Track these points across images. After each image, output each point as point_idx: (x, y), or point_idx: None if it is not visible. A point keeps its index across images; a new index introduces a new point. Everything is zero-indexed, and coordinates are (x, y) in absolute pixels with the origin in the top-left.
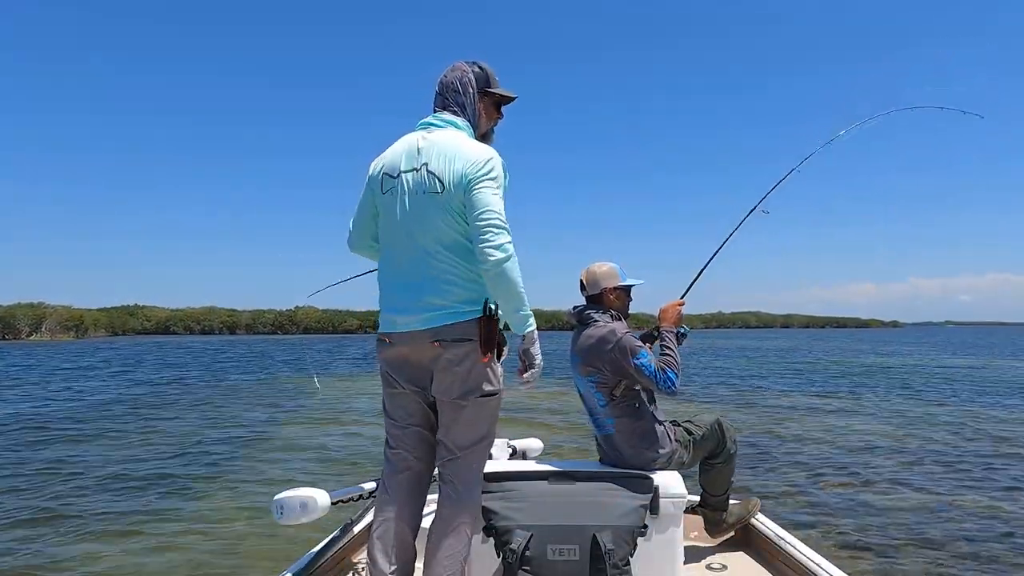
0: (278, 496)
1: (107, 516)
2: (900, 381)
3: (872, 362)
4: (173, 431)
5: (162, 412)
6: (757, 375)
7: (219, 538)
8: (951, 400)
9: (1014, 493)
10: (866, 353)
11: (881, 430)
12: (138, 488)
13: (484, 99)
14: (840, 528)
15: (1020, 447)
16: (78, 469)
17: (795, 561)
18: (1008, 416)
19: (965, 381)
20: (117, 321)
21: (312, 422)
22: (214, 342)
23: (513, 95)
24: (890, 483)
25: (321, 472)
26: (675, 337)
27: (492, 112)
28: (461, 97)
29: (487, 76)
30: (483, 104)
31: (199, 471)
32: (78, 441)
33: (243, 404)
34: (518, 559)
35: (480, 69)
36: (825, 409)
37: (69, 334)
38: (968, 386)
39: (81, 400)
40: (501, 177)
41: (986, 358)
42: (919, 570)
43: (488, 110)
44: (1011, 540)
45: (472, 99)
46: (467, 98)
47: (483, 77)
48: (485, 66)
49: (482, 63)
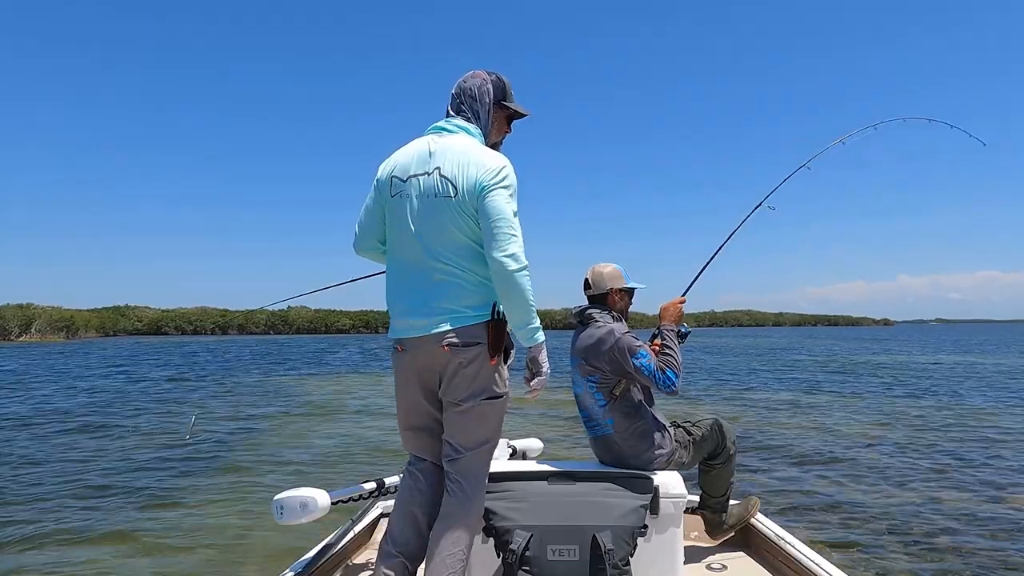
0: (278, 496)
1: (108, 515)
2: (895, 378)
3: (867, 360)
4: (163, 430)
5: (153, 411)
6: (748, 372)
7: (218, 538)
8: (949, 398)
9: (1013, 491)
10: (859, 351)
11: (879, 429)
12: (135, 489)
13: (498, 111)
14: (840, 528)
15: (1017, 445)
16: (59, 475)
17: (795, 561)
18: (1003, 412)
19: (961, 378)
20: (108, 321)
21: (305, 419)
22: (205, 342)
23: (526, 111)
24: (889, 482)
25: (318, 472)
26: (676, 336)
27: (503, 125)
28: (477, 105)
29: (504, 89)
30: (496, 116)
31: (198, 470)
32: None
33: (229, 404)
34: (518, 559)
35: (499, 80)
36: (820, 406)
37: (59, 335)
38: (968, 383)
39: (50, 404)
40: (514, 185)
41: (977, 355)
42: (920, 569)
43: (500, 123)
44: (1017, 541)
45: (488, 109)
46: (483, 107)
47: (501, 89)
48: (504, 79)
49: (501, 75)
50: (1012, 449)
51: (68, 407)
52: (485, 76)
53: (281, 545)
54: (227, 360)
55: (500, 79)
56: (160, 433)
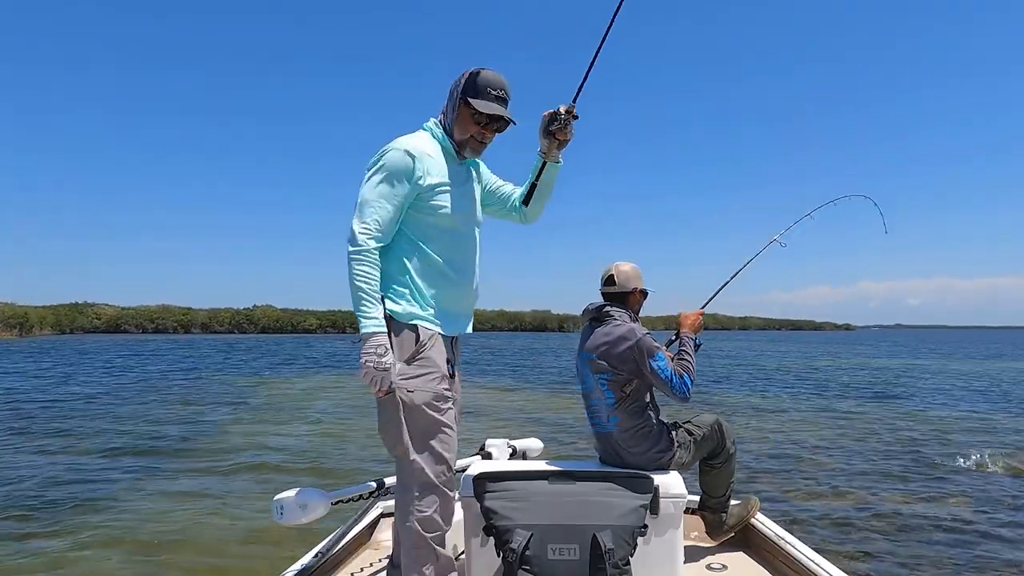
0: (278, 496)
1: (105, 517)
2: (882, 383)
3: (848, 364)
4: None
5: (143, 412)
6: (726, 376)
7: (219, 538)
8: (933, 403)
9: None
10: (822, 355)
11: (877, 427)
12: (132, 490)
13: (463, 107)
14: (840, 527)
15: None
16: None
17: (795, 561)
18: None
19: (939, 383)
20: (65, 319)
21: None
22: (167, 341)
23: (488, 111)
24: (889, 482)
25: (314, 474)
26: (693, 345)
27: (468, 123)
28: (447, 100)
29: (475, 85)
30: (461, 112)
31: (196, 468)
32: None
33: (212, 404)
34: (518, 558)
35: (474, 75)
36: (811, 408)
37: (12, 332)
38: (951, 388)
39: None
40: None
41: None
42: (920, 569)
43: (464, 120)
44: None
45: (454, 105)
46: (450, 102)
47: (471, 84)
48: (484, 75)
49: (485, 71)
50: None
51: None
52: (468, 72)
53: (282, 544)
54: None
55: (476, 74)
56: (136, 433)
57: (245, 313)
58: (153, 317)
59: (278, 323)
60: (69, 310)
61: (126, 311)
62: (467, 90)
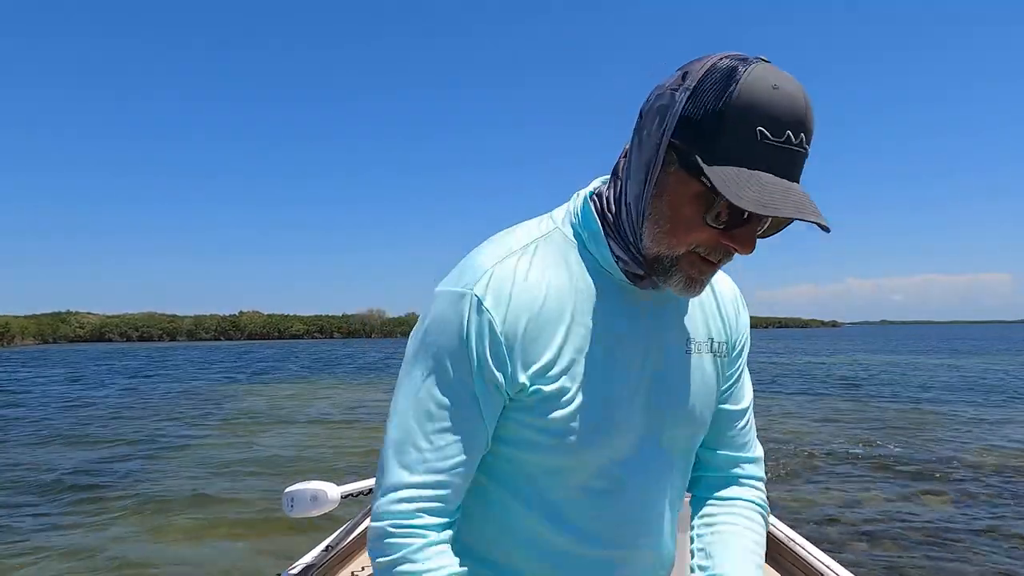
0: (289, 488)
1: (104, 516)
2: (884, 381)
3: (841, 361)
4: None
5: (139, 414)
6: None
7: (219, 537)
8: (936, 401)
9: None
10: (809, 353)
11: (875, 428)
12: (132, 489)
13: (682, 177)
14: (843, 527)
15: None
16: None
17: (803, 562)
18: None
19: (939, 380)
20: (47, 328)
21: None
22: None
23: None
24: (888, 481)
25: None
26: None
27: (695, 223)
28: (632, 150)
29: (730, 118)
30: (676, 189)
31: (195, 467)
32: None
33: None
34: None
35: (719, 89)
36: (803, 404)
37: None
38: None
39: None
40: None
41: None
42: (921, 569)
43: (681, 209)
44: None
45: (652, 162)
46: (637, 154)
47: (712, 117)
48: (757, 92)
49: (758, 80)
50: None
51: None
52: (704, 71)
53: (282, 544)
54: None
55: (732, 89)
56: (131, 440)
57: (231, 319)
58: (138, 325)
59: (264, 329)
60: (51, 319)
61: (110, 319)
62: (705, 131)
